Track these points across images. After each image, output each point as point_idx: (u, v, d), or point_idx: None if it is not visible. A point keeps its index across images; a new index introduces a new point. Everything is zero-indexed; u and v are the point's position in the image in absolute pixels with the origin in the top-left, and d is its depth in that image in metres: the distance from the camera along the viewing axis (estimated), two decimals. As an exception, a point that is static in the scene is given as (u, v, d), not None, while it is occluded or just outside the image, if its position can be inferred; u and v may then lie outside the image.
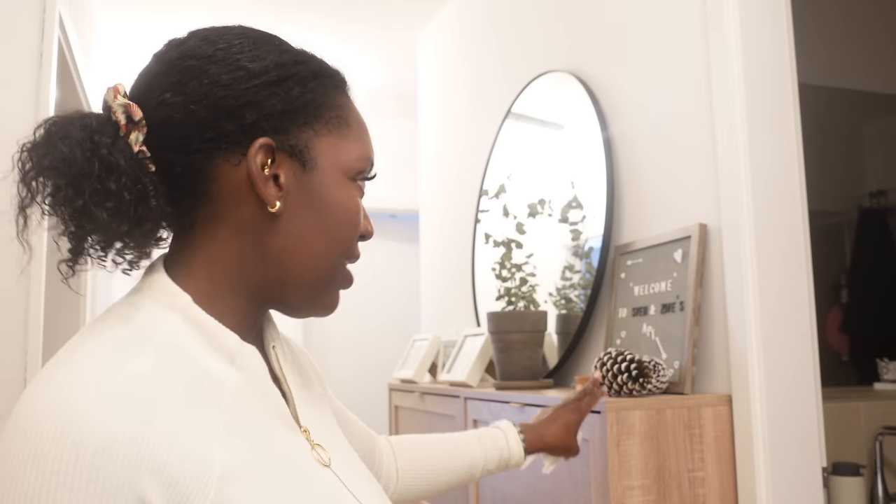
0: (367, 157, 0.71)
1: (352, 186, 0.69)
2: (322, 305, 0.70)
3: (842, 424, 1.86)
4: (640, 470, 1.31)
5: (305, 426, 0.69)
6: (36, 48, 1.83)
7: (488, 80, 2.64)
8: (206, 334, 0.62)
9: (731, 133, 1.43)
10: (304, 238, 0.66)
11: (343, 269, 0.70)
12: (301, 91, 0.66)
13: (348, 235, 0.69)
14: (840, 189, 3.22)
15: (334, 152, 0.68)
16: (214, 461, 0.55)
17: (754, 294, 1.38)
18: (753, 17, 1.46)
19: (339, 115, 0.69)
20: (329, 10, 3.18)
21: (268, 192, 0.63)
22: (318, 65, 0.70)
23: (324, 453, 0.68)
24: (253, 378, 0.64)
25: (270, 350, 0.72)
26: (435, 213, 3.15)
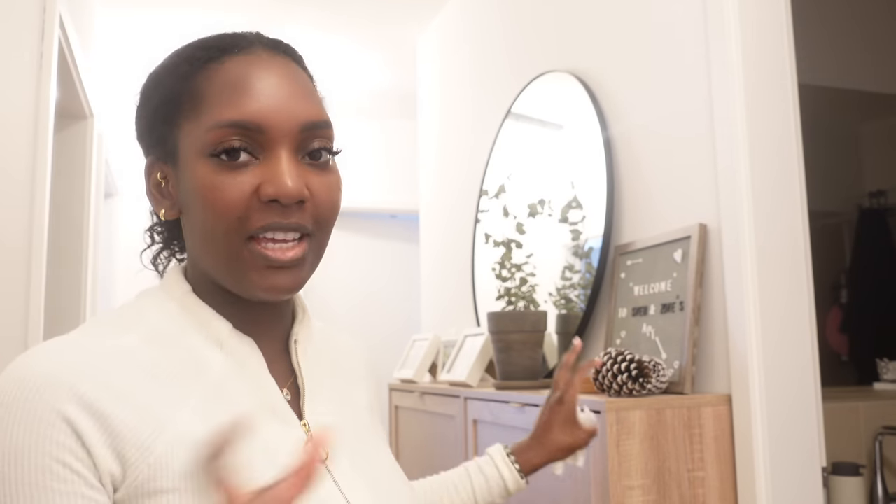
0: (219, 122, 0.63)
1: (203, 164, 0.63)
2: (253, 288, 0.65)
3: (842, 424, 1.86)
4: (640, 470, 1.32)
5: (308, 420, 0.69)
6: (36, 48, 1.83)
7: (488, 80, 2.64)
8: (199, 321, 0.67)
9: (731, 133, 1.43)
10: (196, 231, 0.66)
11: (248, 248, 0.63)
12: (158, 97, 0.68)
13: (212, 216, 0.63)
14: (840, 189, 3.22)
15: (190, 138, 0.65)
16: (169, 425, 0.59)
17: (754, 294, 1.38)
18: (753, 17, 1.46)
19: (192, 97, 0.65)
20: (329, 10, 3.18)
21: (155, 205, 0.70)
22: (175, 59, 0.69)
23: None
24: (241, 365, 0.66)
25: (292, 345, 0.73)
26: (435, 213, 3.15)
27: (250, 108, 0.63)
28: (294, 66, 0.69)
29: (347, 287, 4.65)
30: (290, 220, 0.63)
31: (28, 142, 1.78)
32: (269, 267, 0.64)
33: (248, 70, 0.65)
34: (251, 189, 0.63)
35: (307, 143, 0.66)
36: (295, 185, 0.63)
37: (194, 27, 3.28)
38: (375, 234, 4.75)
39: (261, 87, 0.64)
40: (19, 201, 1.73)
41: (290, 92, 0.66)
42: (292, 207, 0.64)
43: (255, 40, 0.68)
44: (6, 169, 1.63)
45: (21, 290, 1.73)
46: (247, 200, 0.63)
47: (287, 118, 0.64)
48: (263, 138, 0.63)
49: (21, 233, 1.74)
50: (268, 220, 0.63)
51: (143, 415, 0.59)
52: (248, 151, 0.63)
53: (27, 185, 1.77)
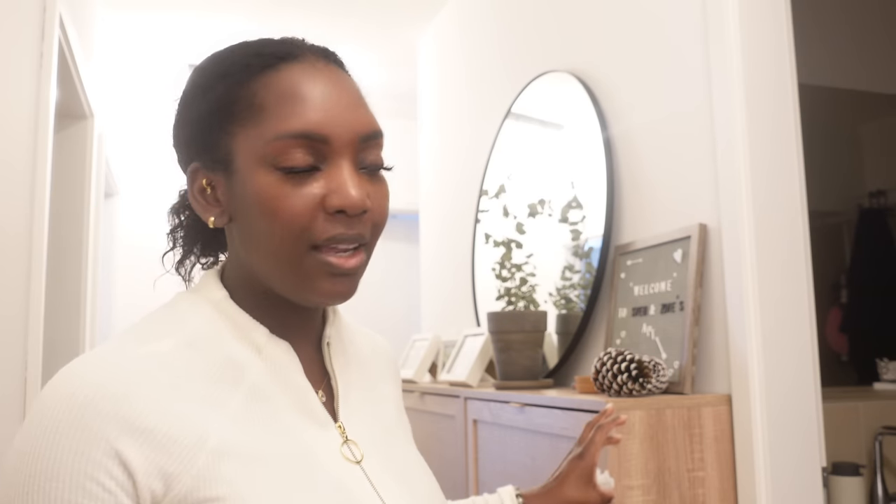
0: (284, 133, 0.63)
1: (266, 174, 0.63)
2: (314, 294, 0.65)
3: (841, 424, 1.86)
4: (640, 470, 1.32)
5: (342, 422, 0.70)
6: (36, 48, 1.83)
7: (488, 80, 2.64)
8: (236, 325, 0.67)
9: (731, 133, 1.43)
10: (252, 239, 0.66)
11: (310, 256, 0.64)
12: (208, 103, 0.67)
13: (277, 227, 0.63)
14: (840, 189, 3.22)
15: (248, 146, 0.65)
16: (212, 433, 0.60)
17: (754, 294, 1.38)
18: (753, 17, 1.46)
19: (251, 104, 0.65)
20: (329, 10, 3.18)
21: (202, 212, 0.69)
22: (226, 63, 0.68)
23: (356, 449, 0.69)
24: (278, 369, 0.67)
25: (325, 347, 0.74)
26: (435, 213, 3.15)
27: (314, 118, 0.63)
28: (345, 75, 0.69)
29: (347, 287, 4.64)
30: (353, 232, 0.64)
31: (28, 142, 1.78)
32: (330, 274, 0.65)
33: (304, 79, 0.65)
34: (316, 200, 0.63)
35: (365, 154, 0.67)
36: (359, 196, 0.64)
37: (194, 28, 3.28)
38: (375, 234, 4.75)
39: (321, 97, 0.65)
40: (19, 201, 1.73)
41: (348, 101, 0.66)
42: (354, 218, 0.64)
43: (305, 48, 0.68)
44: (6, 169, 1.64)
45: (21, 289, 1.73)
46: (312, 211, 0.63)
47: (348, 128, 0.65)
48: (327, 149, 0.64)
49: (21, 233, 1.73)
50: (332, 231, 0.64)
51: (185, 424, 0.59)
52: (312, 161, 0.64)
53: (27, 185, 1.77)
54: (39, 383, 1.76)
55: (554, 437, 1.46)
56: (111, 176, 3.70)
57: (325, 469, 0.64)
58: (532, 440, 1.54)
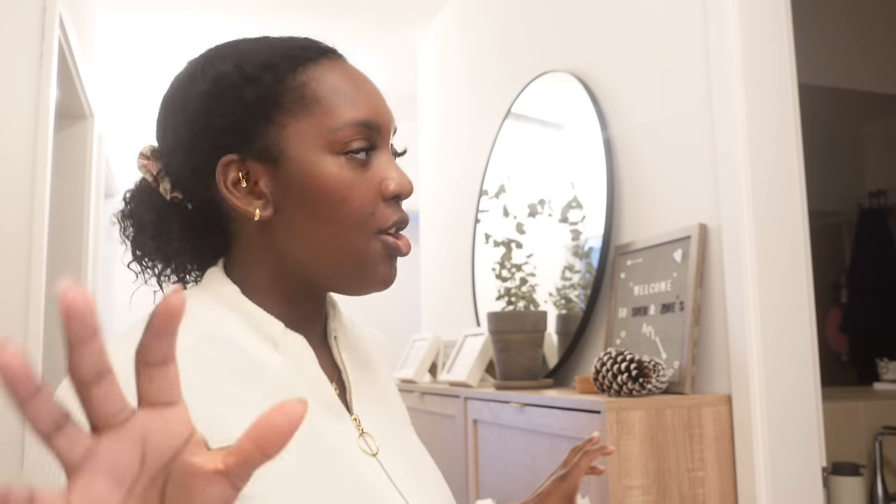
0: (349, 121, 0.65)
1: (332, 162, 0.65)
2: (375, 279, 0.68)
3: (841, 424, 1.86)
4: (640, 470, 1.32)
5: (357, 415, 0.70)
6: (36, 48, 1.83)
7: (488, 80, 2.64)
8: (251, 321, 0.67)
9: (731, 133, 1.43)
10: (307, 230, 0.66)
11: (375, 241, 0.66)
12: (250, 92, 0.66)
13: (346, 212, 0.65)
14: (840, 189, 3.22)
15: (302, 137, 0.65)
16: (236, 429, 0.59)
17: (754, 294, 1.38)
18: (753, 17, 1.46)
19: (301, 96, 0.66)
20: (329, 11, 3.18)
21: (244, 205, 0.67)
22: (267, 55, 0.67)
23: (372, 442, 0.69)
24: (296, 363, 0.67)
25: (332, 340, 0.75)
26: (435, 213, 3.15)
27: (368, 108, 0.67)
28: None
29: (347, 287, 4.64)
30: (406, 216, 0.68)
31: (28, 142, 1.78)
32: (391, 258, 0.68)
33: (347, 72, 0.68)
34: (376, 187, 0.66)
35: (392, 143, 0.71)
36: (410, 181, 0.68)
37: (194, 28, 3.28)
38: (375, 234, 4.75)
39: (367, 89, 0.68)
40: (19, 201, 1.73)
41: (381, 95, 0.70)
42: (402, 202, 0.68)
43: (324, 47, 0.70)
44: (6, 169, 1.63)
45: (21, 289, 1.73)
46: (375, 197, 0.66)
47: (388, 119, 0.69)
48: (376, 136, 0.67)
49: (21, 233, 1.73)
50: (395, 216, 0.67)
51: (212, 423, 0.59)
52: (365, 150, 0.67)
53: (27, 185, 1.77)
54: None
55: (554, 437, 1.46)
56: (111, 176, 3.70)
57: (346, 462, 0.65)
58: (532, 440, 1.54)
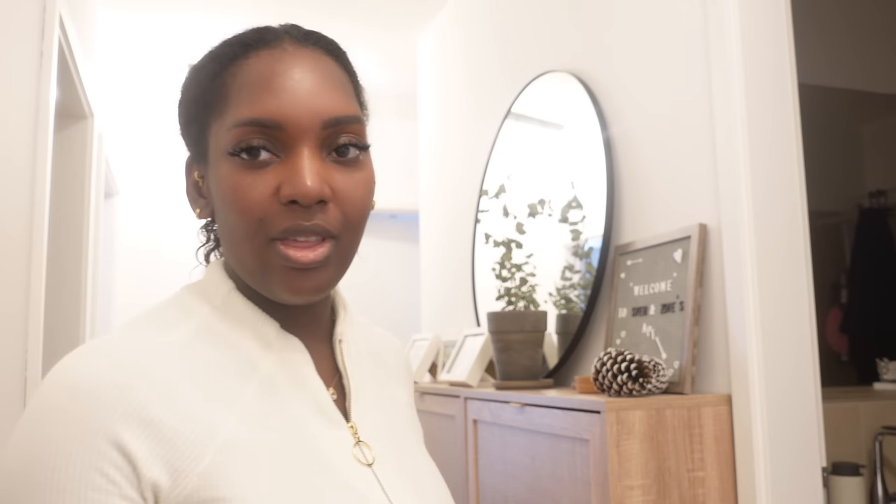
0: (240, 120, 0.62)
1: (226, 163, 0.63)
2: (277, 291, 0.63)
3: (841, 424, 1.86)
4: (640, 470, 1.32)
5: (354, 422, 0.68)
6: (36, 48, 1.83)
7: (488, 80, 2.64)
8: (245, 319, 0.66)
9: (731, 133, 1.43)
10: (224, 231, 0.65)
11: (271, 250, 0.62)
12: (188, 95, 0.68)
13: (235, 218, 0.62)
14: (840, 189, 3.22)
15: (216, 138, 0.64)
16: (220, 430, 0.58)
17: (754, 294, 1.38)
18: (753, 17, 1.46)
19: (219, 94, 0.64)
20: (329, 11, 3.18)
21: (192, 206, 0.69)
22: (207, 55, 0.68)
23: (368, 451, 0.67)
24: (289, 365, 0.66)
25: (336, 344, 0.72)
26: (435, 213, 3.15)
27: (269, 105, 0.61)
28: (324, 59, 0.66)
29: (347, 287, 4.63)
30: (311, 223, 0.61)
31: (28, 142, 1.78)
32: (291, 269, 0.62)
33: (270, 65, 0.63)
34: (271, 190, 0.61)
35: (332, 140, 0.64)
36: (314, 184, 0.61)
37: (194, 28, 3.28)
38: (375, 234, 4.76)
39: (281, 83, 0.62)
40: (19, 201, 1.73)
41: (312, 86, 0.63)
42: (314, 208, 0.61)
43: (283, 33, 0.67)
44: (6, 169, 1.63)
45: (21, 289, 1.73)
46: (267, 202, 0.61)
47: (308, 114, 0.62)
48: (284, 136, 0.62)
49: (21, 233, 1.73)
50: (288, 222, 0.61)
51: (194, 419, 0.58)
52: (268, 150, 0.62)
53: (27, 185, 1.77)
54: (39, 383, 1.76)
55: (554, 436, 1.46)
56: (111, 176, 3.70)
57: (335, 470, 0.63)
58: (532, 440, 1.54)
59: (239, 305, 0.66)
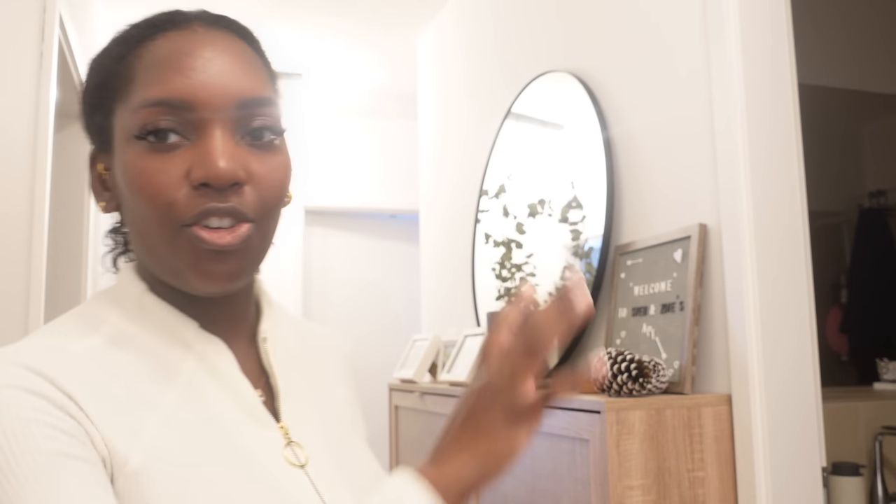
0: (146, 101, 0.58)
1: (133, 147, 0.59)
2: (193, 278, 0.59)
3: (841, 424, 1.86)
4: (640, 470, 1.32)
5: (285, 423, 0.65)
6: (36, 48, 1.83)
7: (488, 80, 2.64)
8: (161, 322, 0.62)
9: (731, 133, 1.43)
10: (132, 222, 0.61)
11: (182, 234, 0.58)
12: (92, 82, 0.64)
13: (143, 204, 0.58)
14: (840, 189, 3.22)
15: (121, 122, 0.61)
16: (144, 433, 0.56)
17: (754, 294, 1.38)
18: (753, 18, 1.46)
19: (124, 76, 0.60)
20: (329, 11, 3.18)
21: (97, 199, 0.65)
22: (111, 41, 0.64)
23: (301, 452, 0.64)
24: (212, 367, 0.62)
25: (260, 343, 0.69)
26: (435, 213, 3.15)
27: (177, 84, 0.58)
28: (236, 41, 0.63)
29: (347, 287, 4.65)
30: (226, 204, 0.58)
31: (28, 142, 1.78)
32: (205, 252, 0.58)
33: (178, 45, 0.60)
34: (181, 174, 0.58)
35: (246, 123, 0.60)
36: (227, 164, 0.57)
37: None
38: (375, 234, 4.76)
39: (191, 62, 0.59)
40: (19, 201, 1.73)
41: (224, 66, 0.60)
42: (227, 191, 0.58)
43: (193, 16, 0.63)
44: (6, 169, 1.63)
45: (21, 289, 1.73)
46: (177, 186, 0.57)
47: (220, 94, 0.59)
48: (194, 117, 0.58)
49: (21, 233, 1.73)
50: (199, 206, 0.57)
51: (119, 419, 0.55)
52: (178, 132, 0.58)
53: (27, 185, 1.77)
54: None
55: (554, 437, 1.46)
56: (111, 176, 3.70)
57: (264, 473, 0.59)
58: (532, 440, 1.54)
59: (153, 307, 0.63)
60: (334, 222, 4.65)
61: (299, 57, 3.64)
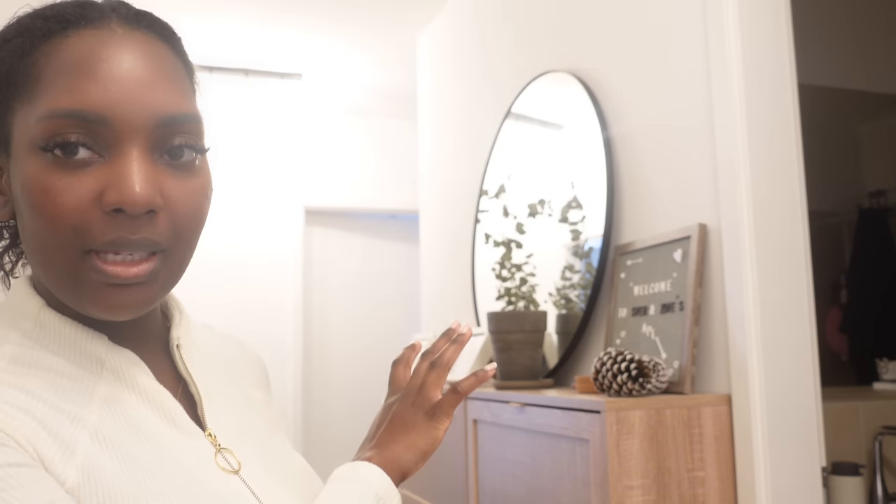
0: (55, 111, 0.52)
1: (36, 159, 0.53)
2: (93, 307, 0.55)
3: (841, 424, 1.86)
4: (640, 470, 1.32)
5: (212, 430, 0.63)
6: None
7: (488, 80, 2.64)
8: (66, 341, 0.58)
9: (731, 133, 1.43)
10: (28, 237, 0.55)
11: (86, 262, 0.53)
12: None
13: (44, 223, 0.53)
14: (840, 189, 3.22)
15: (22, 126, 0.54)
16: (77, 447, 0.53)
17: (754, 294, 1.38)
18: (753, 17, 1.46)
19: (28, 74, 0.54)
20: (329, 11, 3.18)
21: None
22: (11, 30, 0.57)
23: (232, 458, 0.62)
24: (128, 381, 0.59)
25: (174, 350, 0.65)
26: (435, 213, 3.15)
27: (92, 95, 0.52)
28: (158, 45, 0.57)
29: (347, 287, 4.65)
30: (137, 236, 0.53)
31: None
32: (109, 285, 0.54)
33: (95, 48, 0.54)
34: (91, 195, 0.52)
35: (166, 141, 0.56)
36: (144, 191, 0.52)
37: (194, 29, 3.28)
38: (375, 234, 4.76)
39: (108, 71, 0.53)
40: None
41: (145, 77, 0.54)
42: (141, 218, 0.53)
43: (110, 11, 0.57)
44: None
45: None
46: (86, 208, 0.52)
47: (139, 109, 0.54)
48: (108, 133, 0.53)
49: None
50: (110, 234, 0.52)
51: (49, 438, 0.52)
52: (89, 148, 0.53)
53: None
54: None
55: (554, 436, 1.46)
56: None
57: (201, 483, 0.57)
58: (532, 440, 1.54)
59: (55, 324, 0.58)
60: (334, 222, 4.65)
61: (299, 57, 3.64)
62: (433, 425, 0.72)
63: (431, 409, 0.72)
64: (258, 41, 3.42)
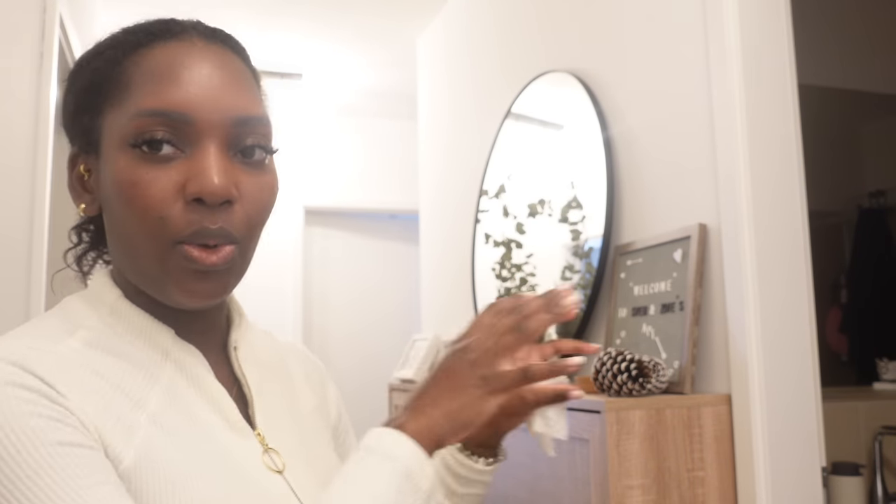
0: (143, 110, 0.58)
1: (125, 155, 0.59)
2: (178, 293, 0.60)
3: (841, 424, 1.86)
4: (640, 470, 1.32)
5: (261, 430, 0.66)
6: (36, 48, 1.83)
7: (488, 80, 2.64)
8: (137, 328, 0.62)
9: (731, 133, 1.43)
10: (116, 229, 0.61)
11: (173, 251, 0.59)
12: (82, 83, 0.64)
13: (133, 215, 0.58)
14: (839, 189, 3.22)
15: (114, 126, 0.60)
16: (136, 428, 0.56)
17: (754, 294, 1.38)
18: (753, 18, 1.46)
19: (119, 81, 0.60)
20: (329, 11, 3.18)
21: (76, 201, 0.66)
22: (104, 43, 0.64)
23: (278, 459, 0.65)
24: (189, 374, 0.63)
25: (231, 352, 0.69)
26: (435, 213, 3.15)
27: (176, 96, 0.58)
28: (232, 56, 0.64)
29: (347, 287, 4.65)
30: (216, 226, 0.58)
31: (28, 142, 1.78)
32: (193, 271, 0.59)
33: (178, 57, 0.60)
34: (175, 186, 0.58)
35: (240, 140, 0.61)
36: (221, 182, 0.58)
37: (194, 27, 3.28)
38: (375, 234, 4.76)
39: (190, 76, 0.59)
40: (19, 202, 1.73)
41: (222, 82, 0.61)
42: (218, 209, 0.59)
43: (190, 27, 0.63)
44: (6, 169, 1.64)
45: (21, 290, 1.73)
46: (170, 199, 0.58)
47: (217, 110, 0.59)
48: (190, 130, 0.59)
49: (21, 233, 1.74)
50: (194, 225, 0.58)
51: (111, 418, 0.55)
52: (172, 144, 0.59)
53: (27, 185, 1.77)
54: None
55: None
56: (111, 176, 3.70)
57: (249, 479, 0.60)
58: (532, 440, 1.54)
59: (129, 314, 0.63)
60: (334, 222, 4.65)
61: (299, 57, 3.64)
62: (484, 395, 0.63)
63: (493, 375, 0.63)
64: (258, 41, 3.42)
